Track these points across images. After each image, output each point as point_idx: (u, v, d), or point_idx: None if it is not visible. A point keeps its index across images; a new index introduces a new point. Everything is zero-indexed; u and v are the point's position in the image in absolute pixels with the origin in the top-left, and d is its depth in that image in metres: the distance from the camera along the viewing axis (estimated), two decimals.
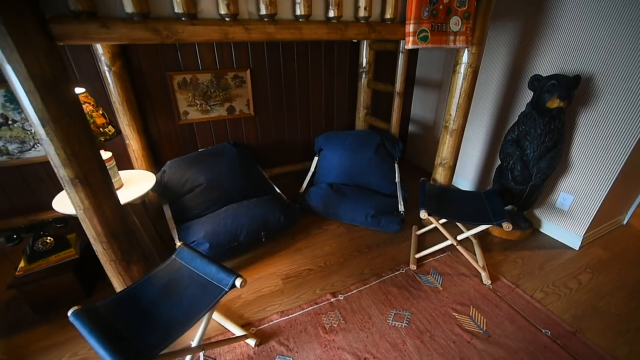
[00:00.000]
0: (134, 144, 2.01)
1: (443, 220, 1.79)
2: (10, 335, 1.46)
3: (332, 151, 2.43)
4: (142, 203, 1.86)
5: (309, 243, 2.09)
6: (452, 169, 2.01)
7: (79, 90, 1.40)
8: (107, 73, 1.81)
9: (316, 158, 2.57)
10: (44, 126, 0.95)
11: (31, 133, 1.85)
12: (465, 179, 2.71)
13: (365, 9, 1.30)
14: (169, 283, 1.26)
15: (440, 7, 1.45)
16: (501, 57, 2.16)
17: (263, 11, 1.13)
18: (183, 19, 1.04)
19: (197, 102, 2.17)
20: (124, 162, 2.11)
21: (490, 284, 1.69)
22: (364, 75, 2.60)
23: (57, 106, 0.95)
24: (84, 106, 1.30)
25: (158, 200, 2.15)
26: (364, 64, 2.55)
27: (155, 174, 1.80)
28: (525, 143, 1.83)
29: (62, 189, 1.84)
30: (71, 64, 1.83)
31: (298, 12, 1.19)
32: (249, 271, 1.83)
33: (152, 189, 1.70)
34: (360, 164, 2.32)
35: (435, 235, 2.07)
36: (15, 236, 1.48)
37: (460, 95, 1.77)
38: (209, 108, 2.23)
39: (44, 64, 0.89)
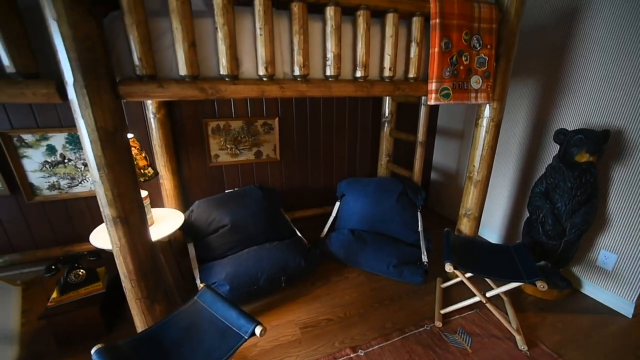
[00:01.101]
0: (167, 183, 2.15)
1: (470, 274, 1.71)
2: None
3: (354, 197, 2.46)
4: (168, 240, 1.93)
5: (328, 290, 2.03)
6: (478, 220, 1.96)
7: (129, 135, 1.56)
8: (152, 120, 2.02)
9: (338, 203, 2.60)
10: (99, 170, 1.06)
11: (81, 171, 2.04)
12: (492, 231, 2.61)
13: (390, 69, 1.42)
14: (190, 325, 1.25)
15: (461, 67, 1.55)
16: (524, 110, 2.20)
17: (297, 72, 1.26)
18: (226, 79, 1.18)
19: (228, 146, 2.34)
20: (156, 200, 2.24)
21: (528, 351, 1.53)
22: (386, 125, 2.71)
23: (113, 153, 1.07)
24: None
25: (183, 238, 2.22)
26: (387, 114, 2.68)
27: (183, 213, 1.89)
28: (555, 196, 1.77)
29: (98, 223, 1.96)
30: (124, 113, 2.06)
31: (328, 73, 1.32)
32: (267, 317, 1.78)
33: (179, 228, 1.77)
34: (382, 212, 2.32)
35: (461, 290, 1.96)
36: (53, 267, 1.57)
37: (483, 148, 1.79)
38: (238, 152, 2.38)
39: (109, 118, 1.03)
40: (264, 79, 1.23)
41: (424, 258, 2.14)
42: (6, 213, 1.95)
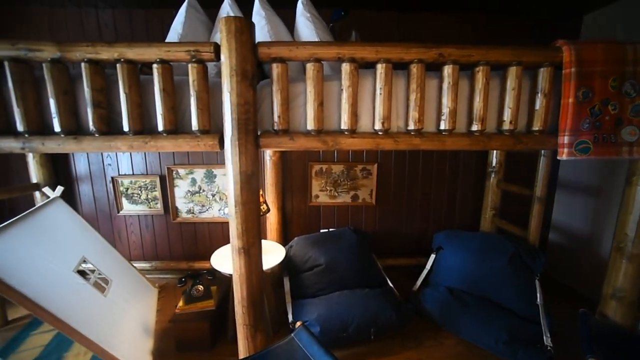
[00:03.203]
0: (272, 218, 2.40)
1: None
2: None
3: (453, 252, 2.25)
4: (268, 273, 2.10)
5: (420, 355, 1.83)
6: (635, 305, 1.51)
7: None
8: (267, 162, 2.34)
9: (433, 256, 2.41)
10: (235, 206, 1.27)
11: (210, 200, 2.47)
12: None
13: (510, 122, 1.33)
14: None
15: (607, 118, 1.33)
16: None
17: (411, 127, 1.30)
18: (346, 132, 1.31)
19: (328, 187, 2.49)
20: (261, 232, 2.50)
21: None
22: (493, 175, 2.47)
23: (248, 193, 1.27)
24: None
25: (278, 271, 2.38)
26: (494, 164, 2.45)
27: (284, 247, 2.05)
28: None
29: (215, 246, 2.28)
30: (259, 160, 2.47)
31: (442, 127, 1.32)
32: None
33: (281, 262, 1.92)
34: (489, 273, 2.04)
35: None
36: (183, 279, 1.89)
37: None
38: (336, 194, 2.51)
39: (249, 164, 1.25)
40: (380, 132, 1.31)
41: (547, 341, 1.73)
42: (159, 228, 2.49)
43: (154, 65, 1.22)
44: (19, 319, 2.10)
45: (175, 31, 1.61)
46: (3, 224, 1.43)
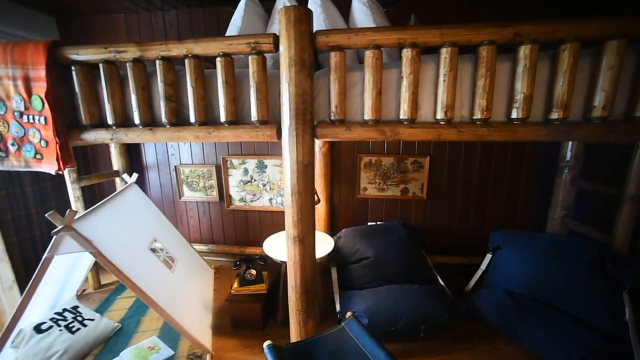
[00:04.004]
0: (320, 209, 2.43)
1: None
2: (215, 335, 1.87)
3: (515, 253, 2.06)
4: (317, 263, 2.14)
5: (473, 359, 1.73)
6: None
7: None
8: (317, 153, 2.36)
9: (489, 255, 2.24)
10: (292, 195, 1.30)
11: (260, 189, 2.58)
12: None
13: (603, 108, 1.15)
14: (337, 351, 1.31)
15: None
16: None
17: (477, 115, 1.20)
18: (404, 122, 1.25)
19: (376, 180, 2.44)
20: None
21: None
22: (566, 171, 2.19)
23: (303, 183, 1.29)
24: None
25: (325, 261, 2.41)
26: (568, 157, 2.18)
27: (332, 238, 2.06)
28: None
29: (265, 233, 2.38)
30: (314, 151, 2.52)
31: (514, 115, 1.20)
32: None
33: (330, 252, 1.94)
34: (560, 280, 1.83)
35: None
36: (238, 262, 2.01)
37: None
38: (385, 187, 2.44)
39: (306, 154, 1.26)
40: (441, 122, 1.23)
41: None
42: (214, 214, 2.68)
43: (217, 59, 1.29)
44: (108, 284, 2.45)
45: (235, 25, 1.68)
46: (95, 205, 1.65)
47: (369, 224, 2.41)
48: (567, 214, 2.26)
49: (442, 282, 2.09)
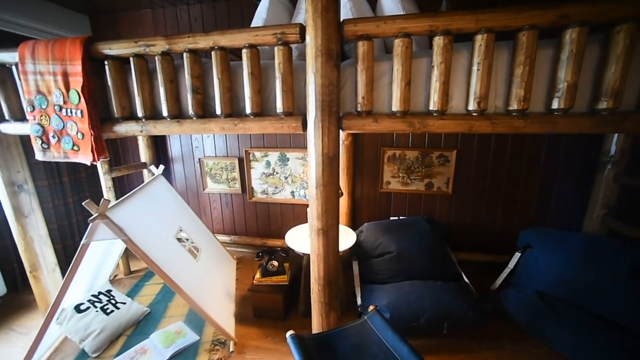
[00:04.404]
0: (342, 202, 2.41)
1: None
2: (237, 324, 1.94)
3: (547, 253, 1.96)
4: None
5: (499, 359, 1.67)
6: None
7: None
8: (340, 145, 2.33)
9: (518, 254, 2.14)
10: (316, 187, 1.29)
11: (282, 182, 2.59)
12: None
13: None
14: (360, 344, 1.30)
15: None
16: None
17: (514, 106, 1.13)
18: (434, 114, 1.20)
19: (400, 174, 2.39)
20: None
21: None
22: (609, 166, 2.05)
23: (328, 175, 1.28)
24: None
25: (347, 255, 2.40)
26: (612, 152, 2.02)
27: (354, 231, 2.05)
28: None
29: (286, 225, 2.40)
30: (339, 143, 2.50)
31: (555, 106, 1.12)
32: None
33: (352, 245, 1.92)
34: (599, 283, 1.72)
35: None
36: (260, 254, 2.04)
37: None
38: (409, 181, 2.38)
39: (331, 146, 1.25)
40: (474, 114, 1.17)
41: None
42: (237, 205, 2.73)
43: (243, 50, 1.28)
44: (137, 270, 2.57)
45: (260, 16, 1.67)
46: (126, 195, 1.73)
47: (391, 218, 2.37)
48: (608, 212, 2.12)
49: (466, 279, 2.03)
